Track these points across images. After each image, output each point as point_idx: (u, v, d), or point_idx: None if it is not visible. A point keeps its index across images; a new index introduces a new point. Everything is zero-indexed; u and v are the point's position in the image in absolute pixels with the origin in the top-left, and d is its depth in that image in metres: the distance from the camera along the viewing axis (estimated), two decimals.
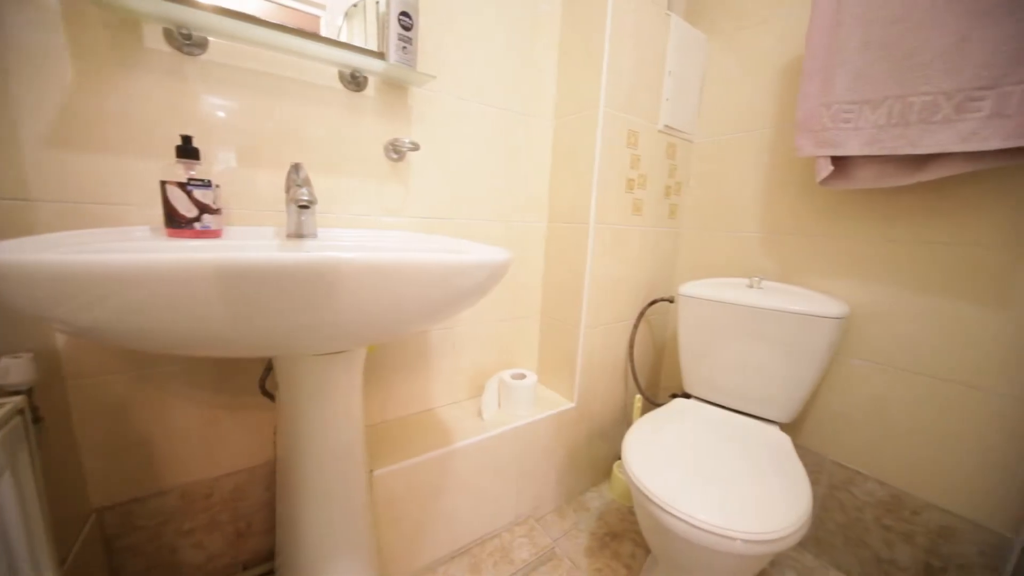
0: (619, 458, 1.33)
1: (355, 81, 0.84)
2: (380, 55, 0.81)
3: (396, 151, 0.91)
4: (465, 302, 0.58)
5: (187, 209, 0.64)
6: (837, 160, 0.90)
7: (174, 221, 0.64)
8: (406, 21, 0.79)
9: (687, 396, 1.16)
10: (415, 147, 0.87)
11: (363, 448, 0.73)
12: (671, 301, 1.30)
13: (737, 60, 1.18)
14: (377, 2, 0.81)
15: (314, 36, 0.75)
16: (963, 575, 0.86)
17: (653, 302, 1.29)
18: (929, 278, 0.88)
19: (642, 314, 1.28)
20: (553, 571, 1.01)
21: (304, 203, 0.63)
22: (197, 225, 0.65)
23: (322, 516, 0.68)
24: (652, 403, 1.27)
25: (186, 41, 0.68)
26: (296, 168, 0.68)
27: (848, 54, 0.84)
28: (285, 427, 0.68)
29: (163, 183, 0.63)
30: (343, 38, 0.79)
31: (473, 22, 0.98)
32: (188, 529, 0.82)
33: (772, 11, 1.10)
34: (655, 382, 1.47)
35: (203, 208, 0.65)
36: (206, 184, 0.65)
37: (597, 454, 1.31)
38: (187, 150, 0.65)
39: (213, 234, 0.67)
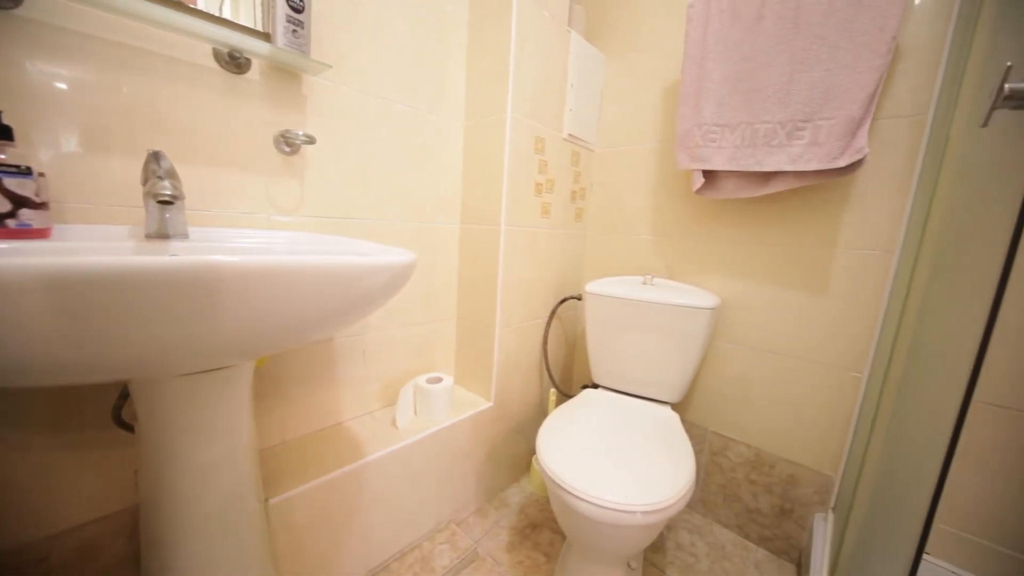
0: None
1: (235, 62, 0.74)
2: (266, 36, 0.73)
3: (288, 144, 0.82)
4: (366, 308, 0.55)
5: None
6: (707, 173, 1.05)
7: None
8: (296, 3, 0.73)
9: (596, 386, 1.25)
10: (310, 140, 0.80)
11: (254, 476, 0.65)
12: (579, 299, 1.39)
13: (630, 79, 1.30)
14: None
15: (176, 5, 0.64)
16: (805, 512, 1.06)
17: (563, 300, 1.37)
18: (775, 273, 1.07)
19: (554, 312, 1.35)
20: (475, 572, 1.01)
21: (166, 198, 0.54)
22: (11, 223, 0.52)
23: (202, 563, 0.59)
24: (565, 396, 1.35)
25: None
26: (156, 156, 0.58)
27: (712, 84, 0.98)
28: (148, 465, 0.58)
29: None
30: (226, 13, 0.70)
31: (375, 14, 0.93)
32: None
33: (651, 41, 1.24)
34: (568, 376, 1.56)
35: (20, 201, 0.52)
36: (25, 172, 0.52)
37: (516, 450, 1.34)
38: None
39: (37, 234, 0.54)
